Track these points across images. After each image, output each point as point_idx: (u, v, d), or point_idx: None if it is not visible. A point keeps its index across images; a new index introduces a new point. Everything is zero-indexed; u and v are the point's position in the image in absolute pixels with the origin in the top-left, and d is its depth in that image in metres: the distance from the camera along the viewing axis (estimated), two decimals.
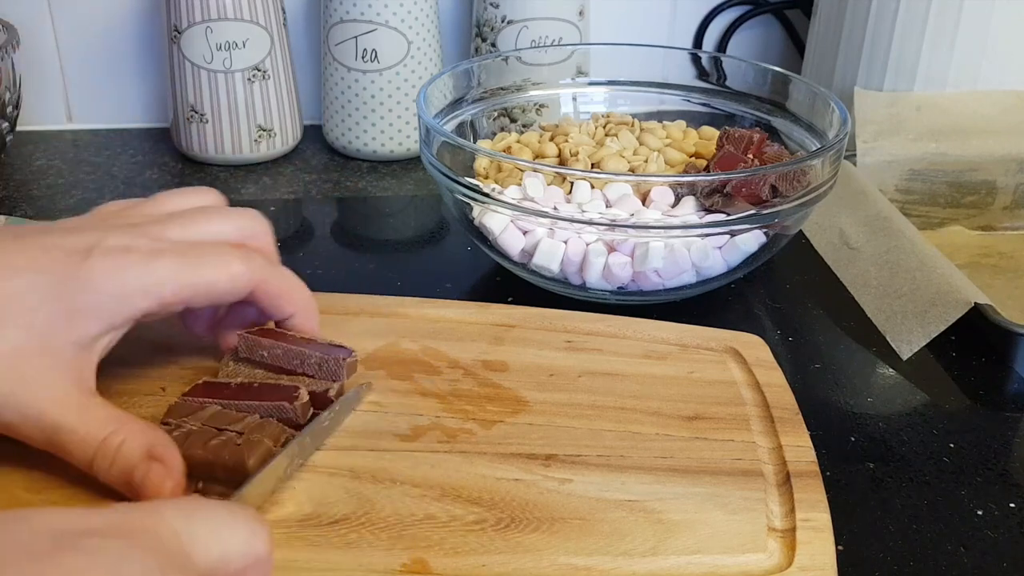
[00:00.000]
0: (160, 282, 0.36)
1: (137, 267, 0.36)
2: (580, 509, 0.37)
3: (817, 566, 0.35)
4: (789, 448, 0.41)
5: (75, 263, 0.35)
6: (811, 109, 0.63)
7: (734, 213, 0.53)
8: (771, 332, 0.56)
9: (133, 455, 0.35)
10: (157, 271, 0.36)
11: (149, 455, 0.35)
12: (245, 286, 0.39)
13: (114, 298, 0.36)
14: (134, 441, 0.35)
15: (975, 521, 0.43)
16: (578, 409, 0.43)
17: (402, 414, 0.42)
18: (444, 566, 0.34)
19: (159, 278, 0.36)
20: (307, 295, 0.42)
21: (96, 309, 0.35)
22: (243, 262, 0.39)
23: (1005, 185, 0.71)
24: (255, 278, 0.39)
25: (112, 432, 0.35)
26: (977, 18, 0.69)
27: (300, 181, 0.76)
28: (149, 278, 0.36)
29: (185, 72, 0.74)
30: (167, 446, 0.36)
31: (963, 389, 0.52)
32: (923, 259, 0.57)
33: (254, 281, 0.39)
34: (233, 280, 0.38)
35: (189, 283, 0.37)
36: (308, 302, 0.42)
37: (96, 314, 0.35)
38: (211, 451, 0.36)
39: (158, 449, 0.35)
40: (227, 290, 0.38)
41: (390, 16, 0.74)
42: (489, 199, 0.54)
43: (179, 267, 0.37)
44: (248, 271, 0.39)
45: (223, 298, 0.39)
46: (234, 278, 0.38)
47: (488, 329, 0.48)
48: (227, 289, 0.38)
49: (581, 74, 0.73)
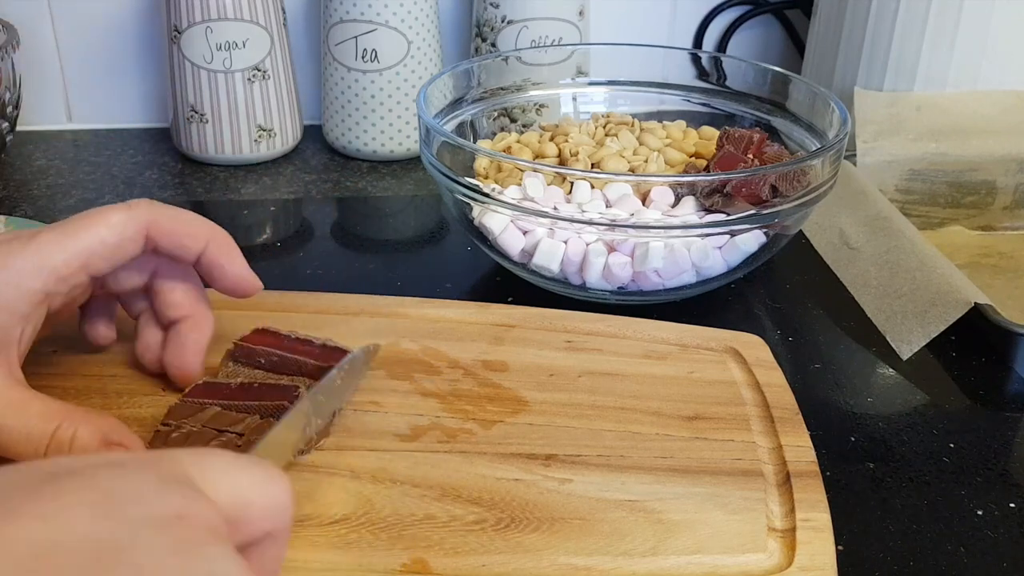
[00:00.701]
0: (46, 254, 0.36)
1: (19, 252, 0.36)
2: (580, 509, 0.37)
3: (817, 566, 0.35)
4: (789, 448, 0.41)
5: None
6: (811, 109, 0.63)
7: (734, 213, 0.53)
8: (771, 332, 0.56)
9: (90, 445, 0.34)
10: (40, 247, 0.36)
11: (105, 441, 0.35)
12: (135, 232, 0.38)
13: (8, 287, 0.35)
14: (86, 431, 0.35)
15: (975, 521, 0.43)
16: (578, 409, 0.43)
17: (402, 414, 0.42)
18: (444, 566, 0.34)
19: (43, 253, 0.36)
20: (212, 224, 0.40)
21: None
22: (123, 210, 0.38)
23: (1005, 185, 0.71)
24: (141, 220, 0.38)
25: (59, 426, 0.34)
26: (977, 18, 0.69)
27: (300, 181, 0.76)
28: (34, 256, 0.36)
29: (185, 72, 0.74)
30: (121, 430, 0.36)
31: (963, 389, 0.52)
32: (923, 259, 0.57)
33: (141, 223, 0.38)
34: (117, 230, 0.37)
35: (75, 246, 0.36)
36: (215, 231, 0.40)
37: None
38: None
39: (113, 435, 0.35)
40: (116, 242, 0.37)
41: (390, 16, 0.74)
42: (489, 199, 0.54)
43: (59, 236, 0.36)
44: (131, 216, 0.38)
45: (119, 253, 0.38)
46: (117, 227, 0.37)
47: (488, 329, 0.48)
48: (116, 241, 0.37)
49: (581, 74, 0.73)
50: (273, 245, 0.66)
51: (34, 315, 0.36)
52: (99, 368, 0.43)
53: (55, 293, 0.36)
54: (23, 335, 0.36)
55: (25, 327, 0.36)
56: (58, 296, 0.37)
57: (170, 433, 0.38)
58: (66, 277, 0.36)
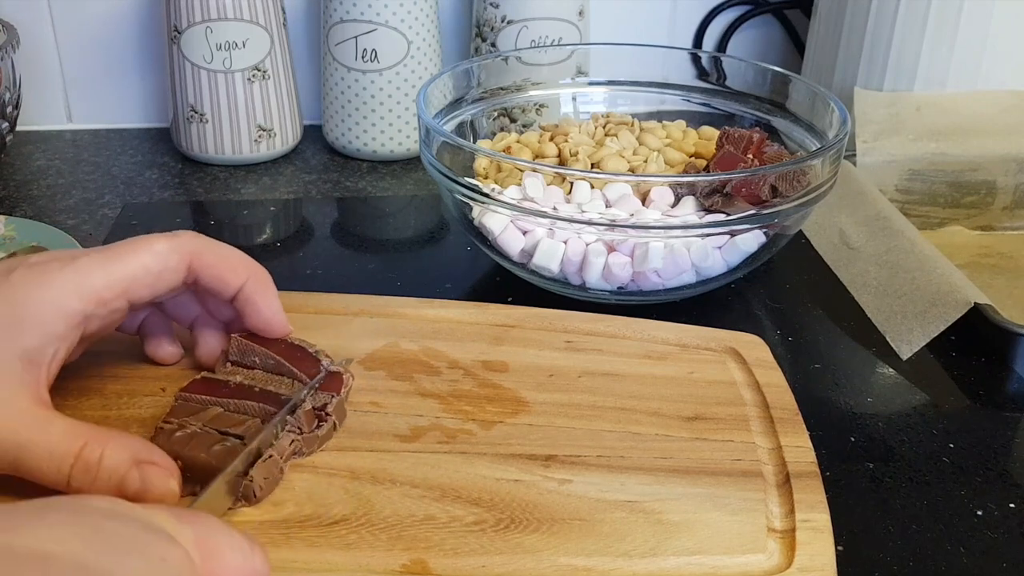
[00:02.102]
0: (87, 277, 0.36)
1: (61, 271, 0.35)
2: (580, 510, 0.37)
3: (817, 566, 0.35)
4: (789, 448, 0.41)
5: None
6: (811, 109, 0.63)
7: (734, 213, 0.53)
8: (771, 332, 0.56)
9: (120, 465, 0.34)
10: (81, 268, 0.36)
11: (136, 461, 0.34)
12: (178, 263, 0.38)
13: (47, 304, 0.35)
14: (115, 452, 0.34)
15: (975, 521, 0.43)
16: (578, 409, 0.43)
17: (402, 414, 0.42)
18: (444, 567, 0.34)
19: (85, 274, 0.36)
20: (252, 262, 0.41)
21: (32, 319, 0.35)
22: (168, 239, 0.38)
23: (1005, 185, 0.71)
24: (185, 251, 0.38)
25: (84, 446, 0.34)
26: (977, 18, 0.69)
27: (300, 181, 0.76)
28: (76, 275, 0.35)
29: (185, 72, 0.74)
30: (150, 449, 0.35)
31: (963, 389, 0.52)
32: (923, 259, 0.57)
33: (185, 254, 0.38)
34: (161, 258, 0.37)
35: (118, 273, 0.36)
36: (255, 268, 0.40)
37: (33, 324, 0.35)
38: (215, 457, 0.36)
39: (143, 454, 0.35)
40: (159, 272, 0.37)
41: (390, 16, 0.74)
42: (489, 199, 0.54)
43: (103, 260, 0.36)
44: (175, 245, 0.38)
45: (160, 283, 0.38)
46: (161, 256, 0.37)
47: (488, 329, 0.48)
48: (158, 270, 0.37)
49: (581, 74, 0.73)
50: (273, 245, 0.66)
51: (69, 336, 0.36)
52: (99, 369, 0.43)
53: (93, 315, 0.36)
54: (56, 355, 0.36)
55: (59, 347, 0.36)
56: (95, 319, 0.36)
57: (173, 432, 0.38)
58: (107, 301, 0.36)
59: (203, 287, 0.40)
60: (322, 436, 0.39)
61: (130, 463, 0.34)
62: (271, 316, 0.41)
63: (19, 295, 0.35)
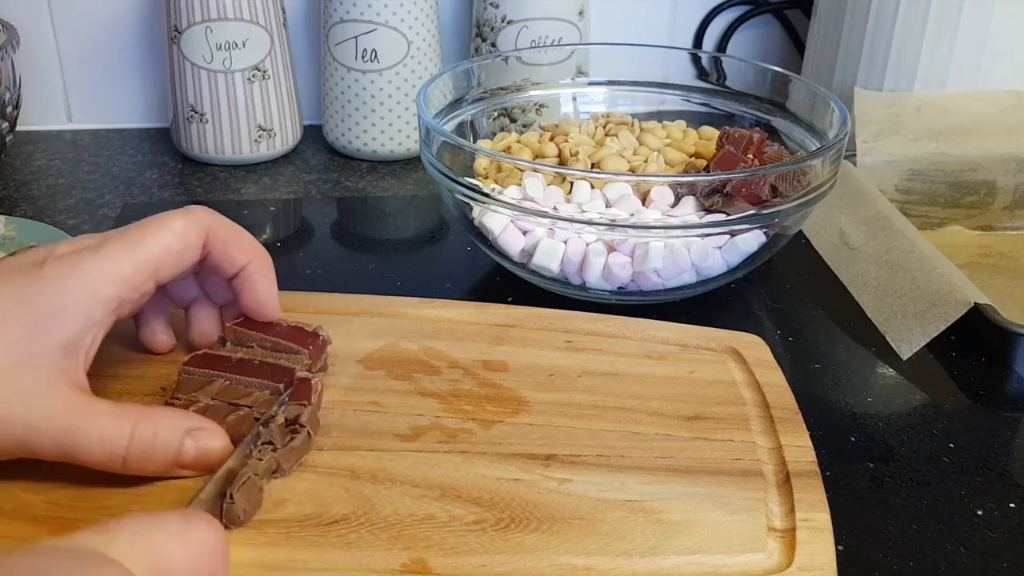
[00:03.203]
0: (116, 263, 0.37)
1: (91, 259, 0.36)
2: (580, 509, 0.37)
3: (817, 566, 0.35)
4: (789, 448, 0.41)
5: (32, 273, 0.36)
6: (811, 109, 0.63)
7: (734, 213, 0.53)
8: (771, 332, 0.56)
9: (174, 438, 0.35)
10: (110, 254, 0.37)
11: (187, 431, 0.36)
12: (196, 238, 0.39)
13: (82, 293, 0.36)
14: (167, 425, 0.36)
15: (975, 521, 0.43)
16: (578, 409, 0.43)
17: (402, 414, 0.42)
18: (444, 566, 0.34)
19: (114, 260, 0.37)
20: (258, 244, 0.42)
21: (69, 308, 0.35)
22: (184, 216, 0.39)
23: (1005, 185, 0.71)
24: (202, 226, 0.39)
25: (136, 426, 0.35)
26: (977, 18, 0.69)
27: (300, 181, 0.76)
28: (105, 262, 0.36)
29: (185, 72, 0.74)
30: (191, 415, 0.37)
31: (963, 389, 0.52)
32: (923, 259, 0.57)
33: (201, 229, 0.39)
34: (181, 236, 0.38)
35: (144, 255, 0.37)
36: (260, 249, 0.42)
37: (70, 313, 0.35)
38: (230, 426, 0.37)
39: (191, 422, 0.36)
40: (181, 248, 0.38)
41: (390, 16, 0.74)
42: (489, 199, 0.54)
43: (128, 244, 0.37)
44: (192, 221, 0.39)
45: (182, 260, 0.39)
46: (180, 233, 0.38)
47: (488, 329, 0.48)
48: (180, 248, 0.38)
49: (581, 74, 0.73)
50: (273, 245, 0.66)
51: (106, 322, 0.37)
52: (99, 369, 0.42)
53: (127, 300, 0.37)
54: (93, 341, 0.37)
55: (97, 334, 0.37)
56: (128, 303, 0.37)
57: (185, 407, 0.38)
58: (137, 285, 0.37)
59: (211, 263, 0.40)
60: (298, 448, 0.38)
61: (183, 433, 0.36)
62: (267, 299, 0.42)
63: (55, 286, 0.35)
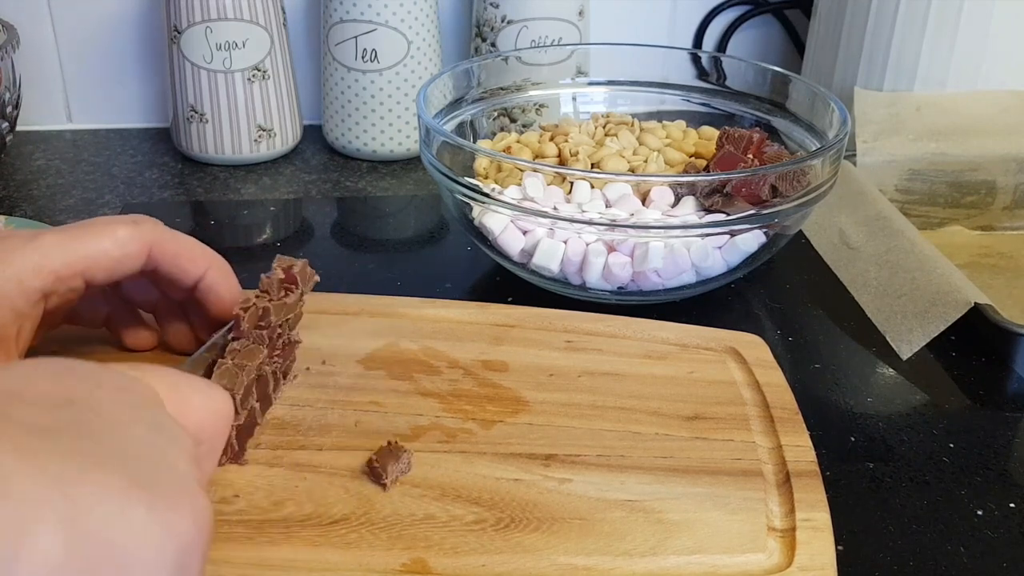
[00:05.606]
0: (47, 254, 0.36)
1: (21, 249, 0.36)
2: (580, 509, 0.37)
3: (817, 566, 0.35)
4: (789, 448, 0.41)
5: None
6: (811, 109, 0.63)
7: (734, 213, 0.53)
8: (771, 332, 0.56)
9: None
10: (41, 247, 0.36)
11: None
12: (138, 250, 0.38)
13: (7, 282, 0.35)
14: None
15: (975, 521, 0.43)
16: (578, 409, 0.43)
17: (402, 414, 0.42)
18: (444, 566, 0.34)
19: (45, 252, 0.36)
20: (212, 252, 0.41)
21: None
22: (129, 226, 0.38)
23: (1005, 185, 0.71)
24: (146, 239, 0.38)
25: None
26: (977, 18, 0.69)
27: (300, 181, 0.76)
28: (35, 254, 0.36)
29: (185, 72, 0.74)
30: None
31: (963, 389, 0.52)
32: (923, 259, 0.57)
33: (145, 242, 0.38)
34: (121, 244, 0.38)
35: (76, 252, 0.37)
36: (215, 258, 0.41)
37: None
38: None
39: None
40: (119, 256, 0.38)
41: (390, 16, 0.74)
42: (489, 199, 0.54)
43: (63, 239, 0.37)
44: (136, 233, 0.38)
45: (119, 267, 0.38)
46: (121, 242, 0.38)
47: (488, 329, 0.48)
48: (118, 255, 0.38)
49: (581, 74, 0.73)
50: (273, 245, 0.66)
51: (32, 313, 0.37)
52: None
53: (52, 292, 0.37)
54: (20, 332, 0.36)
55: (23, 324, 0.36)
56: (55, 296, 0.37)
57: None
58: (64, 279, 0.37)
59: (164, 276, 0.40)
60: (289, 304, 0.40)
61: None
62: (232, 304, 0.41)
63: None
